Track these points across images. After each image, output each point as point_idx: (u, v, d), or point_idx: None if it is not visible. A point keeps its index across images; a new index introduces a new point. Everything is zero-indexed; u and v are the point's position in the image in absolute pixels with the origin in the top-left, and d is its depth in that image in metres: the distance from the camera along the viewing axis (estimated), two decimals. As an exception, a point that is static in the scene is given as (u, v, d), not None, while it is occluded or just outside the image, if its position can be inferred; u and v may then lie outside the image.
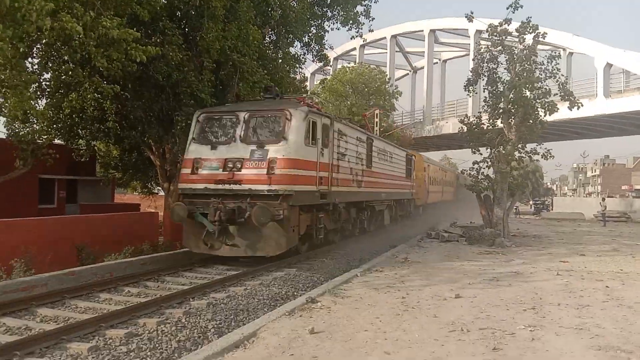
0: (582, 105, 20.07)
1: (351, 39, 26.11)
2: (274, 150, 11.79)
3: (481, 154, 20.76)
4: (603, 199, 38.44)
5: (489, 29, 20.03)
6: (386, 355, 5.87)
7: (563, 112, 20.95)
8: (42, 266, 10.96)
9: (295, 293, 9.96)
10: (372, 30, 26.15)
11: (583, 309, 8.35)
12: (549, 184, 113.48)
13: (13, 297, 8.54)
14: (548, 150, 20.38)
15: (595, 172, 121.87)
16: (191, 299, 8.94)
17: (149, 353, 6.46)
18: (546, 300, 8.95)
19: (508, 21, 19.67)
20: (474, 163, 20.96)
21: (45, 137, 15.95)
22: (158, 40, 14.84)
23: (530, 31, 19.41)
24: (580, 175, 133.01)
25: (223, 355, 5.83)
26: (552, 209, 47.55)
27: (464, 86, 21.12)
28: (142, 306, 8.17)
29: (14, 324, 7.34)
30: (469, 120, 21.09)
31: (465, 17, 21.53)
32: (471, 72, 20.85)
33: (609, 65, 36.79)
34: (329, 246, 15.55)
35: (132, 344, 6.65)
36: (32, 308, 8.09)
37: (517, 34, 19.63)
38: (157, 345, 6.70)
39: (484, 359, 5.77)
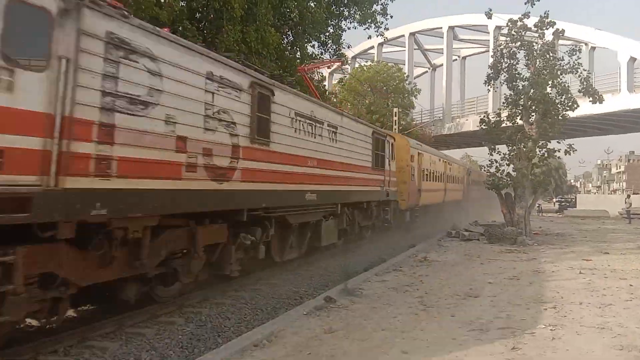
0: (604, 100, 19.78)
1: (368, 38, 26.19)
2: None
3: (499, 153, 20.56)
4: (628, 196, 37.72)
5: (509, 24, 19.85)
6: (403, 354, 5.86)
7: (586, 108, 20.70)
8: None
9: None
10: (388, 29, 26.18)
11: (606, 307, 8.22)
12: (572, 181, 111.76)
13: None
14: (570, 145, 20.10)
15: (620, 168, 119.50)
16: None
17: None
18: (568, 299, 8.83)
19: (527, 15, 19.47)
20: (490, 161, 20.77)
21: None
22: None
23: (548, 27, 19.20)
24: (605, 172, 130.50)
25: (242, 354, 5.88)
26: (575, 207, 46.83)
27: (484, 82, 20.99)
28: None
29: (37, 323, 7.49)
30: (488, 118, 20.88)
31: (485, 14, 21.45)
32: (490, 68, 20.69)
33: (632, 59, 36.11)
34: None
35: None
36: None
37: (536, 29, 19.43)
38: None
39: (503, 358, 5.73)
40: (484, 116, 21.23)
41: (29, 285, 5.66)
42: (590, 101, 19.46)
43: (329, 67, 33.09)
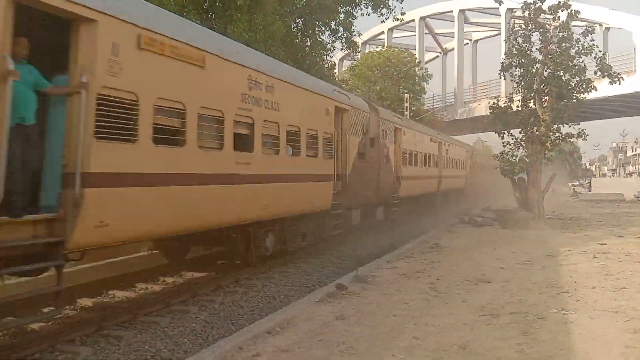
0: (623, 80, 19.44)
1: (382, 22, 26.01)
2: None
3: (512, 136, 20.37)
4: (644, 179, 37.24)
5: (524, 6, 19.57)
6: (415, 340, 5.88)
7: (600, 90, 20.35)
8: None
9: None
10: (405, 13, 26.10)
11: (619, 291, 8.16)
12: (587, 164, 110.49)
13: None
14: (582, 130, 19.88)
15: (635, 151, 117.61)
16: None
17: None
18: (581, 283, 8.78)
19: None
20: (504, 145, 20.59)
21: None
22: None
23: (563, 9, 18.91)
24: (620, 154, 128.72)
25: (254, 341, 5.94)
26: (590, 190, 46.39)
27: (499, 72, 20.88)
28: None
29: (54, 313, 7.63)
30: (497, 104, 20.66)
31: (495, 1, 21.30)
32: (505, 54, 20.51)
33: (648, 40, 35.47)
34: None
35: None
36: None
37: (551, 11, 19.15)
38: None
39: (514, 342, 5.73)
40: (494, 102, 21.01)
41: None
42: (609, 82, 19.14)
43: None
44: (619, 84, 19.27)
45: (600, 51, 19.51)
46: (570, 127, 20.01)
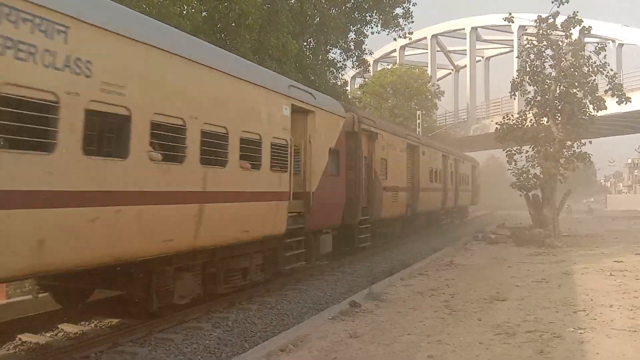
0: (630, 102, 19.45)
1: (394, 40, 26.18)
2: None
3: (520, 153, 20.31)
4: (661, 195, 36.73)
5: (537, 22, 19.59)
6: (429, 359, 5.84)
7: (614, 107, 20.26)
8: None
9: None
10: (412, 33, 26.29)
11: (637, 310, 8.04)
12: (602, 181, 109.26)
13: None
14: (588, 156, 19.79)
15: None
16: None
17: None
18: (598, 301, 8.67)
19: (555, 14, 19.23)
20: (508, 158, 20.54)
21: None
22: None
23: (575, 25, 18.93)
24: (636, 170, 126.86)
25: (268, 359, 5.94)
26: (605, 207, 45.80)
27: (510, 92, 20.92)
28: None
29: (71, 329, 7.70)
30: (507, 121, 20.61)
31: (504, 19, 21.39)
32: (518, 71, 20.52)
33: (662, 56, 35.31)
34: None
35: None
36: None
37: (562, 29, 19.17)
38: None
39: (530, 362, 5.67)
40: (503, 119, 20.94)
41: None
42: (616, 102, 19.14)
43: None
44: (626, 104, 19.28)
45: (611, 70, 19.46)
46: (586, 144, 19.86)
